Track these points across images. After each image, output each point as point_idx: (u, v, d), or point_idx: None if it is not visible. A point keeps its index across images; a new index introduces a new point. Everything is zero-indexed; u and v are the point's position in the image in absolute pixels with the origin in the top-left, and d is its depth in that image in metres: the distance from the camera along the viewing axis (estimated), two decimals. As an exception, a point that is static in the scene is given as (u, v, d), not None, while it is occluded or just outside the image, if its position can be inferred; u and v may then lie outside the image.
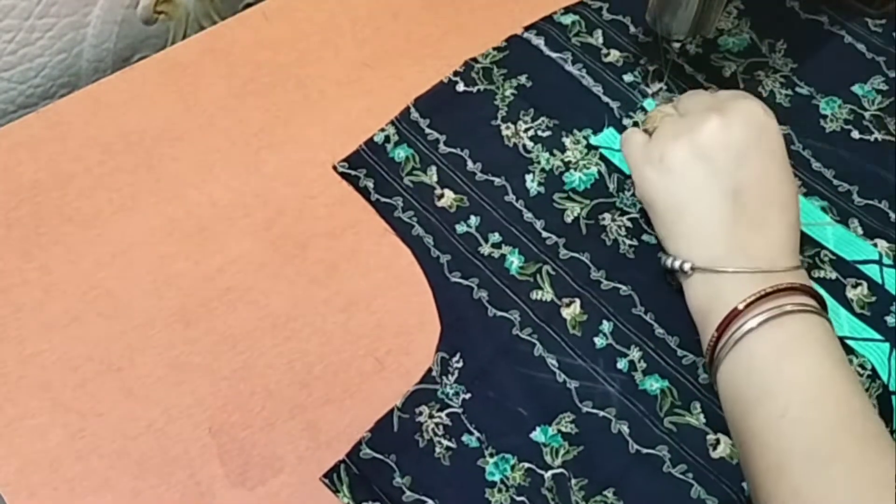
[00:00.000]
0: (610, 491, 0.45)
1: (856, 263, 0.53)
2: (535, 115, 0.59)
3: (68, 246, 0.53)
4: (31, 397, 0.48)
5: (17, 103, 0.65)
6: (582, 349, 0.50)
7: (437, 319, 0.52)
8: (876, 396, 0.48)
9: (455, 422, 0.47)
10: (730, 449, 0.46)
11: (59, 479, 0.46)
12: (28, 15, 0.61)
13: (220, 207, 0.55)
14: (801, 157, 0.58)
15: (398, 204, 0.55)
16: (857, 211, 0.55)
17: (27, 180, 0.56)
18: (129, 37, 0.68)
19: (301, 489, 0.46)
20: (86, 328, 0.51)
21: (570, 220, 0.54)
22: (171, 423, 0.48)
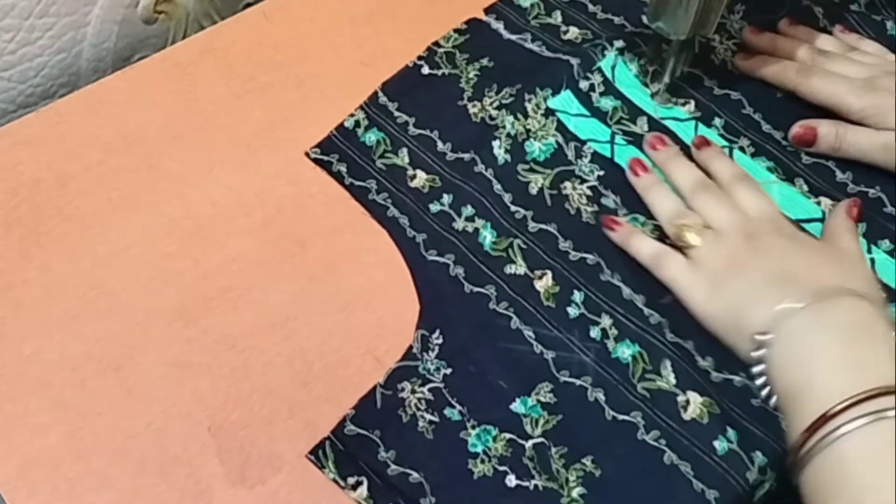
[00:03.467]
0: (589, 458, 0.46)
1: (800, 222, 0.54)
2: (499, 88, 0.60)
3: (68, 245, 0.54)
4: (30, 396, 0.48)
5: (17, 103, 0.65)
6: (556, 320, 0.51)
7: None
8: None
9: (437, 396, 0.48)
10: (699, 408, 0.47)
11: (58, 478, 0.46)
12: (28, 14, 0.61)
13: (220, 206, 0.56)
14: (752, 119, 0.59)
15: (372, 187, 0.56)
16: (803, 170, 0.57)
17: (27, 180, 0.56)
18: (129, 37, 0.68)
19: (300, 488, 0.46)
20: (85, 327, 0.51)
21: (534, 192, 0.56)
22: (171, 422, 0.48)
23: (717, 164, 0.55)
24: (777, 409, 0.45)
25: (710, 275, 0.49)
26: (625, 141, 0.58)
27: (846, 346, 0.43)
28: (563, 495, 0.45)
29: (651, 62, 0.60)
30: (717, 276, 0.49)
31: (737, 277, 0.48)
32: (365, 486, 0.45)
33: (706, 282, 0.49)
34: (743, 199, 0.52)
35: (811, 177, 0.57)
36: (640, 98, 0.60)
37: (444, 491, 0.45)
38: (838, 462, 0.41)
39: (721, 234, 0.51)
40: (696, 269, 0.50)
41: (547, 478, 0.45)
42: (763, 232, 0.50)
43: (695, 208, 0.53)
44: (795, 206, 0.55)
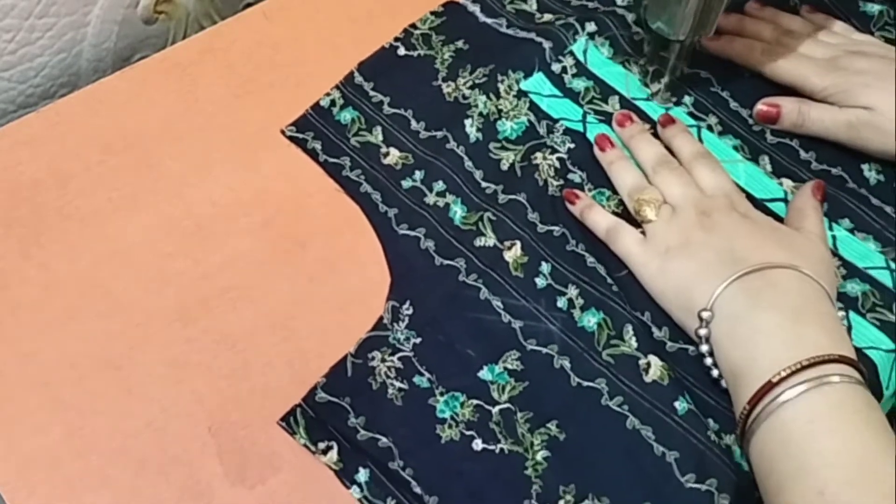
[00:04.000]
0: (553, 423, 0.47)
1: (764, 201, 0.55)
2: (472, 69, 0.62)
3: (68, 245, 0.54)
4: (30, 395, 0.48)
5: (17, 103, 0.65)
6: (524, 290, 0.52)
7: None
8: None
9: (406, 365, 0.49)
10: (660, 370, 0.48)
11: (58, 477, 0.46)
12: (28, 14, 0.61)
13: (220, 206, 0.56)
14: (720, 97, 0.60)
15: (346, 163, 0.57)
16: (768, 148, 0.58)
17: (27, 179, 0.56)
18: (129, 37, 0.68)
19: (300, 488, 0.46)
20: (85, 326, 0.51)
21: (505, 168, 0.57)
22: (171, 422, 0.48)
23: (680, 141, 0.56)
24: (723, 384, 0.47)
25: (662, 250, 0.50)
26: (596, 119, 0.59)
27: (786, 322, 0.45)
28: (527, 458, 0.46)
29: (651, 62, 0.60)
30: (669, 252, 0.50)
31: (686, 254, 0.49)
32: (335, 451, 0.47)
33: (658, 256, 0.50)
34: (701, 176, 0.54)
35: (776, 155, 0.58)
36: (612, 78, 0.61)
37: (412, 455, 0.46)
38: (783, 428, 0.42)
39: (676, 209, 0.52)
40: (649, 244, 0.51)
41: (512, 442, 0.47)
42: (716, 209, 0.51)
43: (655, 184, 0.54)
44: (759, 186, 0.56)
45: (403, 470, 0.46)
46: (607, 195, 0.55)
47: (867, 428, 0.41)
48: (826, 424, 0.41)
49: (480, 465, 0.46)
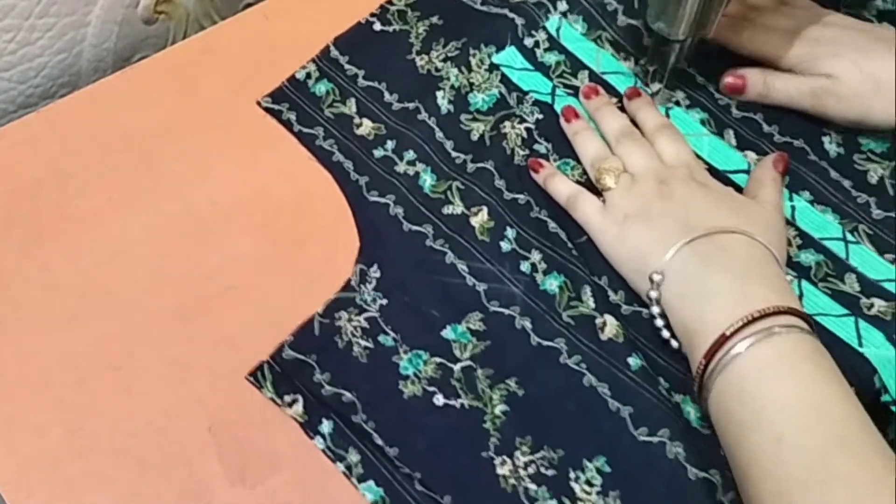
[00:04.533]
0: (513, 380, 0.49)
1: (727, 173, 0.56)
2: (445, 42, 0.63)
3: (68, 245, 0.54)
4: (30, 396, 0.48)
5: (17, 103, 0.65)
6: (489, 254, 0.53)
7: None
8: None
9: (372, 324, 0.51)
10: (615, 329, 0.50)
11: (58, 478, 0.46)
12: (28, 15, 0.61)
13: (220, 206, 0.56)
14: (687, 72, 0.61)
15: (319, 133, 0.59)
16: (733, 122, 0.59)
17: (27, 179, 0.56)
18: (129, 37, 0.68)
19: (300, 488, 0.46)
20: (85, 326, 0.51)
21: (475, 138, 0.58)
22: (171, 422, 0.48)
23: (644, 113, 0.58)
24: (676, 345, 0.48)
25: (620, 217, 0.52)
26: (565, 93, 0.60)
27: (734, 280, 0.46)
28: (486, 413, 0.48)
29: (651, 62, 0.60)
30: (627, 219, 0.51)
31: (643, 221, 0.51)
32: (300, 404, 0.48)
33: (616, 224, 0.51)
34: (662, 146, 0.55)
35: (740, 128, 0.59)
36: (584, 54, 0.62)
37: (375, 408, 0.48)
38: (737, 380, 0.43)
39: (636, 178, 0.53)
40: (608, 211, 0.52)
41: (473, 397, 0.48)
42: (674, 178, 0.52)
43: (617, 154, 0.55)
44: (724, 158, 0.57)
45: (366, 423, 0.47)
46: (571, 165, 0.57)
47: (818, 373, 0.42)
48: (777, 371, 0.43)
49: (441, 419, 0.48)
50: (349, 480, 0.46)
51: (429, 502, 0.45)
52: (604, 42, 0.63)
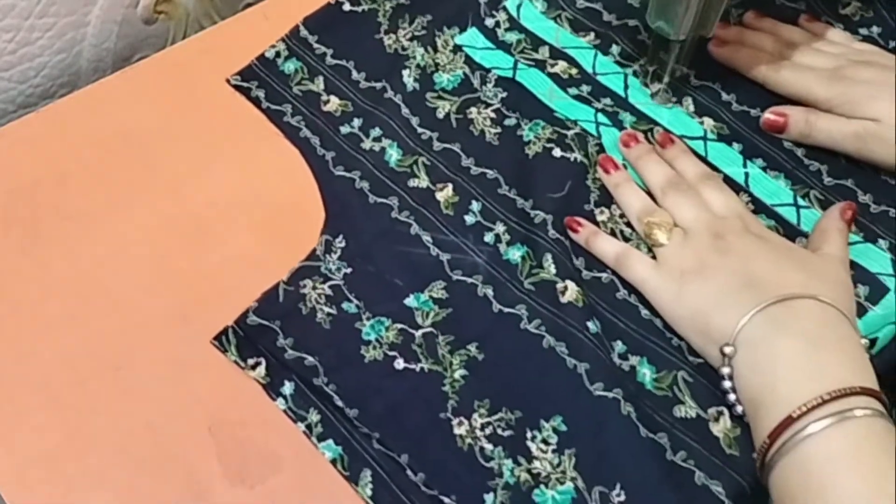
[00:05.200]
0: (473, 345, 0.50)
1: (685, 138, 0.58)
2: (412, 19, 0.64)
3: (67, 244, 0.53)
4: (29, 395, 0.48)
5: (17, 103, 0.65)
6: (454, 226, 0.54)
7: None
8: None
9: (336, 292, 0.51)
10: (576, 294, 0.51)
11: (57, 477, 0.46)
12: (28, 14, 0.61)
13: (219, 206, 0.55)
14: (646, 45, 0.62)
15: (287, 110, 0.60)
16: (690, 90, 0.61)
17: (27, 179, 0.56)
18: (129, 37, 0.68)
19: (300, 487, 0.46)
20: (84, 326, 0.50)
21: (441, 116, 0.59)
22: (170, 422, 0.48)
23: (683, 162, 0.56)
24: (740, 411, 0.46)
25: (676, 275, 0.50)
26: (525, 65, 0.62)
27: (808, 350, 0.44)
28: (446, 377, 0.49)
29: (651, 62, 0.60)
30: (684, 276, 0.49)
31: (703, 278, 0.49)
32: (263, 367, 0.49)
33: (673, 282, 0.49)
34: (711, 197, 0.53)
35: (699, 96, 0.60)
36: (543, 32, 0.64)
37: (336, 372, 0.48)
38: (804, 463, 0.41)
39: (689, 232, 0.51)
40: (662, 269, 0.50)
41: (433, 362, 0.49)
42: (730, 231, 0.50)
43: (665, 206, 0.53)
44: (681, 125, 0.59)
45: (327, 385, 0.48)
46: (541, 125, 0.58)
47: (889, 465, 0.40)
48: (847, 462, 0.40)
49: (401, 382, 0.48)
50: (309, 440, 0.47)
51: (386, 460, 0.46)
52: (563, 21, 0.64)
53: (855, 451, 0.41)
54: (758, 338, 0.45)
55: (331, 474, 0.46)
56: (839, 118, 0.57)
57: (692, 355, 0.49)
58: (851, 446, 0.41)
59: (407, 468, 0.46)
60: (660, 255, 0.51)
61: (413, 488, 0.45)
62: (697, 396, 0.48)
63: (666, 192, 0.54)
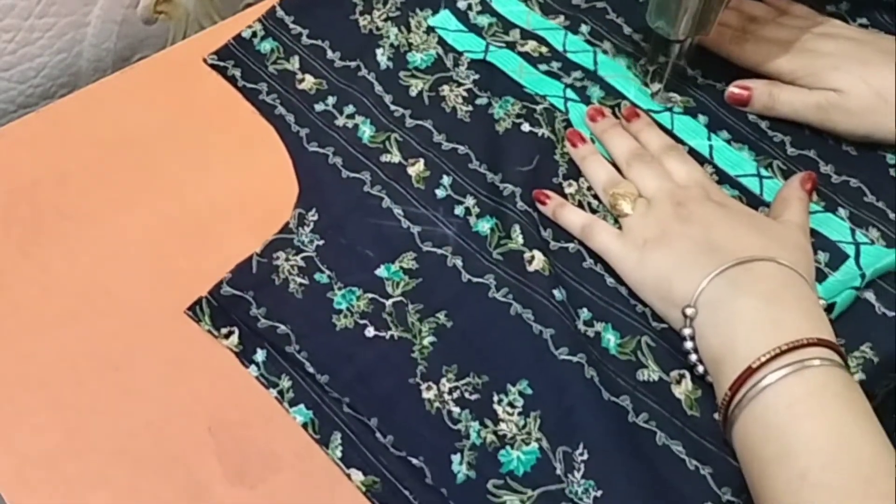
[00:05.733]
0: (442, 313, 0.51)
1: (651, 112, 0.59)
2: (385, 0, 0.65)
3: (67, 244, 0.53)
4: (29, 395, 0.48)
5: (17, 103, 0.65)
6: (425, 199, 0.55)
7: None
8: None
9: (308, 263, 0.53)
10: (542, 263, 0.51)
11: (57, 477, 0.46)
12: (28, 14, 0.61)
13: (219, 206, 0.55)
14: (615, 23, 0.64)
15: (263, 89, 0.61)
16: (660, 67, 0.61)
17: (27, 179, 0.56)
18: (129, 37, 0.68)
19: (300, 487, 0.46)
20: (84, 326, 0.50)
21: (414, 94, 0.60)
22: (170, 422, 0.48)
23: (648, 135, 0.57)
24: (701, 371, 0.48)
25: (640, 243, 0.51)
26: (496, 47, 0.63)
27: (766, 308, 0.45)
28: (415, 344, 0.50)
29: (651, 62, 0.60)
30: (647, 244, 0.50)
31: (664, 246, 0.50)
32: (236, 335, 0.50)
33: (636, 249, 0.51)
34: (673, 167, 0.54)
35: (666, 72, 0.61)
36: (514, 16, 0.65)
37: (308, 339, 0.50)
38: (764, 412, 0.42)
39: (652, 202, 0.52)
40: (626, 237, 0.52)
41: (402, 329, 0.50)
42: (691, 199, 0.51)
43: (629, 177, 0.55)
44: (649, 99, 0.60)
45: (299, 353, 0.49)
46: (511, 102, 0.59)
47: (847, 411, 0.41)
48: (806, 408, 0.42)
49: (371, 349, 0.50)
50: (281, 405, 0.48)
51: (356, 424, 0.47)
52: (533, 4, 0.65)
53: (812, 397, 0.42)
54: (718, 298, 0.46)
55: (330, 474, 0.46)
56: (802, 90, 0.57)
57: (656, 321, 0.50)
58: (809, 393, 0.42)
59: (376, 431, 0.47)
60: (624, 224, 0.53)
61: (382, 450, 0.47)
62: (660, 360, 0.49)
63: (630, 163, 0.55)
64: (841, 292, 0.50)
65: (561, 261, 0.53)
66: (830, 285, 0.51)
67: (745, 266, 0.47)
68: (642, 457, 0.46)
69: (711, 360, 0.46)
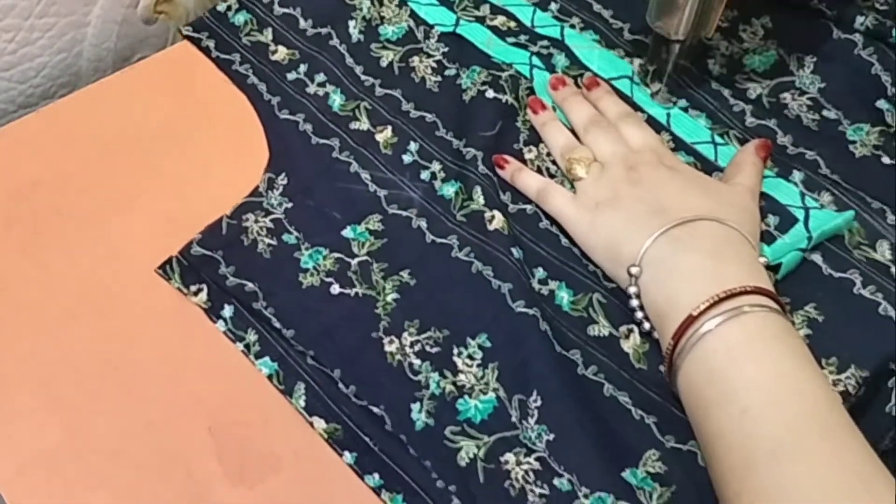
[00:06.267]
0: (406, 272, 0.52)
1: (611, 80, 0.61)
2: None
3: (67, 244, 0.54)
4: (29, 395, 0.48)
5: (17, 103, 0.65)
6: (392, 165, 0.57)
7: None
8: None
9: (277, 225, 0.54)
10: (502, 223, 0.53)
11: (57, 477, 0.46)
12: (28, 14, 0.61)
13: (220, 206, 0.55)
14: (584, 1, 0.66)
15: (236, 59, 0.63)
16: (623, 43, 0.63)
17: (27, 179, 0.56)
18: (129, 37, 0.68)
19: (299, 487, 0.46)
20: (84, 326, 0.51)
21: (384, 65, 0.62)
22: (170, 422, 0.48)
23: (606, 102, 0.58)
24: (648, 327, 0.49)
25: (592, 206, 0.52)
26: (466, 21, 0.64)
27: (706, 263, 0.46)
28: (378, 300, 0.51)
29: (651, 62, 0.60)
30: (598, 207, 0.51)
31: (614, 207, 0.51)
32: (205, 293, 0.52)
33: (588, 212, 0.52)
34: (629, 133, 0.55)
35: (628, 47, 0.63)
36: None
37: (274, 296, 0.51)
38: (705, 358, 0.44)
39: (606, 166, 0.54)
40: (579, 200, 0.53)
41: (367, 287, 0.52)
42: (643, 163, 0.52)
43: (585, 143, 0.56)
44: (611, 67, 0.61)
45: (265, 309, 0.51)
46: (477, 71, 0.60)
47: (786, 351, 0.43)
48: (745, 350, 0.43)
49: (335, 305, 0.51)
50: (247, 358, 0.50)
51: (319, 375, 0.49)
52: None
53: (751, 341, 0.43)
54: (661, 256, 0.48)
55: (331, 474, 0.47)
56: None
57: (607, 279, 0.52)
58: (747, 337, 0.43)
59: (339, 382, 0.49)
60: (578, 187, 0.54)
61: (344, 399, 0.48)
62: (610, 316, 0.50)
63: (588, 129, 0.56)
64: (788, 253, 0.51)
65: (519, 222, 0.54)
66: (778, 247, 0.52)
67: (689, 225, 0.48)
68: (591, 406, 0.47)
69: (656, 316, 0.48)
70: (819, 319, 0.50)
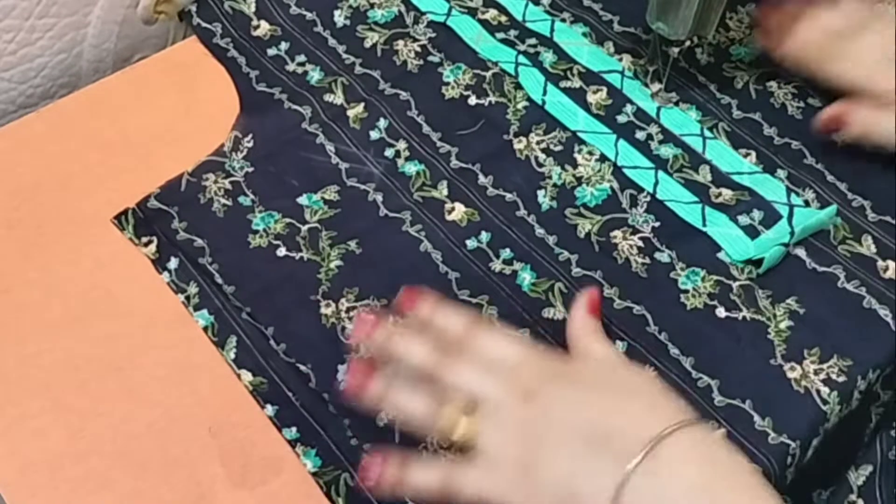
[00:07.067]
0: (353, 241, 0.53)
1: (602, 73, 0.61)
2: None
3: (68, 246, 0.54)
4: (31, 397, 0.48)
5: (18, 103, 0.65)
6: (358, 139, 0.58)
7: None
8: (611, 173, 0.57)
9: (235, 187, 0.55)
10: (462, 214, 0.54)
11: (59, 480, 0.46)
12: (28, 15, 0.61)
13: (221, 207, 0.56)
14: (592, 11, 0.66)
15: (217, 30, 0.63)
16: (613, 35, 0.64)
17: (28, 180, 0.56)
18: (129, 37, 0.68)
19: (301, 489, 0.46)
20: (86, 328, 0.51)
21: (368, 46, 0.63)
22: (172, 423, 0.48)
23: (441, 317, 0.45)
24: None
25: (516, 467, 0.40)
26: (459, 12, 0.64)
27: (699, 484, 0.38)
28: (322, 266, 0.52)
29: (651, 62, 0.60)
30: (524, 466, 0.40)
31: (547, 458, 0.39)
32: (154, 245, 0.53)
33: (518, 476, 0.40)
34: (489, 348, 0.43)
35: (618, 39, 0.64)
36: None
37: (221, 253, 0.53)
38: None
39: (493, 406, 0.41)
40: (496, 469, 0.40)
41: (312, 252, 0.53)
42: (534, 382, 0.42)
43: (446, 385, 0.42)
44: (600, 62, 0.62)
45: (210, 265, 0.52)
46: (462, 69, 0.61)
47: None
48: None
49: (279, 267, 0.52)
50: (186, 309, 0.51)
51: (253, 331, 0.50)
52: None
53: None
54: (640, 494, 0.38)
55: (332, 476, 0.47)
56: None
57: (577, 267, 0.52)
58: None
59: (271, 338, 0.50)
60: (480, 453, 0.41)
61: (273, 355, 0.49)
62: (568, 304, 0.50)
63: (438, 367, 0.43)
64: (771, 248, 0.52)
65: (496, 208, 0.55)
66: (762, 242, 0.53)
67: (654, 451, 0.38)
68: None
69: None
70: (800, 311, 0.51)
